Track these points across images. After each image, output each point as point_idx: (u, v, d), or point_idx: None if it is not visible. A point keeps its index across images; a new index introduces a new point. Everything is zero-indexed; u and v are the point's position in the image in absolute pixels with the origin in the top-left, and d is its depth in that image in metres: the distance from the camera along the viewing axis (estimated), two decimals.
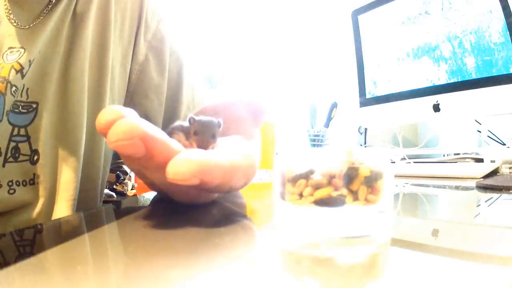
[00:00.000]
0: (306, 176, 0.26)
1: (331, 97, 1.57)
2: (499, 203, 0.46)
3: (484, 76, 1.05)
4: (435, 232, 0.29)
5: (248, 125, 0.44)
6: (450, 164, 0.99)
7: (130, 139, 0.25)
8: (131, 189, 1.30)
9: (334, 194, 0.25)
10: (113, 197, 1.24)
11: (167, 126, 0.60)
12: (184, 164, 0.25)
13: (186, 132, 0.34)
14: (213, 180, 0.27)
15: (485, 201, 0.49)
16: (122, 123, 0.25)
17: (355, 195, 0.26)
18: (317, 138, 1.53)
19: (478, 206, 0.47)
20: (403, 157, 1.18)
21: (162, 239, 0.25)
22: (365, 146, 1.49)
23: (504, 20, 0.98)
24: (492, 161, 0.94)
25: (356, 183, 0.25)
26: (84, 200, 0.51)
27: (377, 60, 1.37)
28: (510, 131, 1.07)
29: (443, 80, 1.17)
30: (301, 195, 0.26)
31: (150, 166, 0.28)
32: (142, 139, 0.25)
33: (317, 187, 0.26)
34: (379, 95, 1.37)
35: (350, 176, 0.25)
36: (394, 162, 1.17)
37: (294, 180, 0.27)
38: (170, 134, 0.33)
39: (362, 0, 1.43)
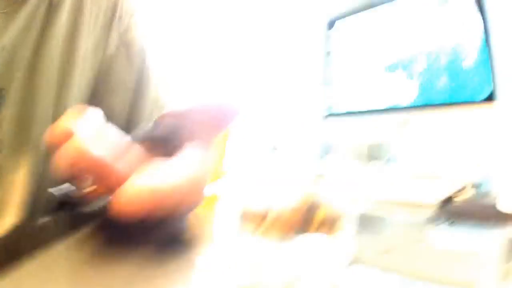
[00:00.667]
0: (263, 214, 0.24)
1: (294, 107, 1.54)
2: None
3: (454, 99, 1.05)
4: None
5: (209, 132, 0.43)
6: (412, 185, 0.97)
7: (77, 165, 0.25)
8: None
9: (290, 233, 0.24)
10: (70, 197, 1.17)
11: (130, 124, 0.57)
12: (131, 199, 0.25)
13: (151, 139, 0.35)
14: (161, 211, 0.27)
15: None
16: (69, 148, 0.25)
17: (312, 234, 0.25)
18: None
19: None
20: (366, 172, 1.15)
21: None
22: (327, 158, 1.47)
23: (484, 45, 0.97)
24: (457, 184, 0.93)
25: (313, 225, 0.24)
26: (37, 201, 0.49)
27: (345, 73, 1.35)
28: (473, 154, 1.07)
29: (412, 99, 1.16)
30: (256, 231, 0.26)
31: (99, 188, 0.28)
32: (89, 165, 0.25)
33: (273, 225, 0.23)
34: (345, 109, 1.36)
35: (307, 217, 0.23)
36: (356, 177, 1.14)
37: (251, 216, 0.24)
38: (135, 141, 0.34)
39: (337, 9, 1.41)
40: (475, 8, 0.98)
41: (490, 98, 0.94)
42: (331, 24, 1.39)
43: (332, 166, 1.31)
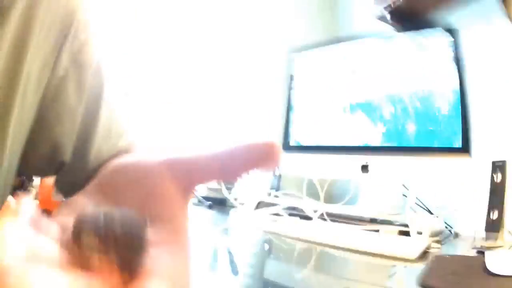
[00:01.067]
0: None
1: (249, 136, 1.47)
2: None
3: (424, 145, 1.03)
4: None
5: (175, 204, 0.30)
6: (376, 235, 0.93)
7: None
8: (35, 199, 1.19)
9: None
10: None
11: (76, 158, 0.50)
12: None
13: (100, 235, 0.23)
14: None
15: None
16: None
17: None
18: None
19: None
20: (321, 214, 1.10)
21: None
22: (277, 191, 1.40)
23: (459, 93, 0.97)
24: (419, 232, 0.90)
25: None
26: None
27: (308, 106, 1.30)
28: (438, 201, 1.05)
29: (377, 141, 1.13)
30: None
31: None
32: None
33: None
34: (304, 143, 1.30)
35: None
36: (311, 219, 1.09)
37: None
38: (77, 233, 0.24)
39: (302, 40, 1.37)
40: (452, 57, 0.98)
41: (463, 147, 0.93)
42: (296, 51, 1.34)
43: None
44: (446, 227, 1.01)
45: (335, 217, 1.10)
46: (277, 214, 1.19)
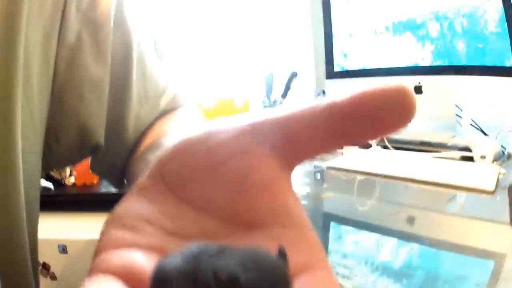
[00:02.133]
0: None
1: (290, 66, 1.45)
2: None
3: (475, 63, 1.02)
4: None
5: (286, 193, 0.19)
6: (438, 162, 0.94)
7: None
8: (69, 175, 1.09)
9: None
10: (51, 190, 1.04)
11: (111, 137, 0.41)
12: None
13: None
14: None
15: None
16: None
17: None
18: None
19: None
20: (380, 140, 1.10)
21: None
22: None
23: (503, 10, 0.94)
24: (483, 157, 0.92)
25: None
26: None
27: (349, 30, 1.28)
28: (490, 121, 1.05)
29: (427, 61, 1.12)
30: None
31: None
32: None
33: None
34: (349, 69, 1.30)
35: None
36: (370, 146, 1.10)
37: None
38: None
39: None
40: None
41: None
42: None
43: None
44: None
45: (393, 143, 1.08)
46: None
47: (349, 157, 1.02)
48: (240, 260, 0.14)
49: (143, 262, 0.16)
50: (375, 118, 0.17)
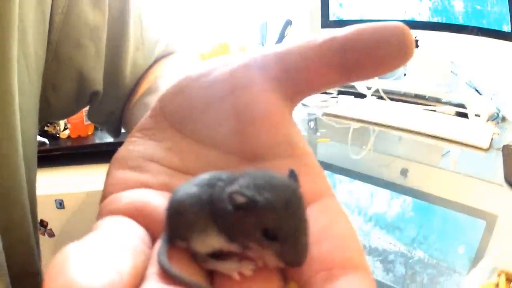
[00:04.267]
0: None
1: (284, 14, 1.39)
2: None
3: (472, 24, 0.98)
4: None
5: (288, 125, 0.19)
6: (433, 115, 0.92)
7: None
8: (64, 129, 1.08)
9: None
10: (46, 144, 1.02)
11: (109, 83, 0.40)
12: None
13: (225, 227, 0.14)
14: None
15: None
16: None
17: None
18: None
19: None
20: (376, 91, 1.05)
21: None
22: None
23: None
24: (477, 115, 0.90)
25: None
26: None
27: None
28: (485, 82, 1.04)
29: (424, 16, 1.08)
30: None
31: None
32: None
33: None
34: (345, 18, 1.24)
35: None
36: (365, 96, 1.05)
37: None
38: (187, 225, 0.15)
39: None
40: None
41: None
42: None
43: None
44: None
45: (388, 94, 1.04)
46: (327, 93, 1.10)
47: (344, 105, 1.01)
48: (254, 182, 0.14)
49: (152, 200, 0.17)
50: (375, 52, 0.18)
